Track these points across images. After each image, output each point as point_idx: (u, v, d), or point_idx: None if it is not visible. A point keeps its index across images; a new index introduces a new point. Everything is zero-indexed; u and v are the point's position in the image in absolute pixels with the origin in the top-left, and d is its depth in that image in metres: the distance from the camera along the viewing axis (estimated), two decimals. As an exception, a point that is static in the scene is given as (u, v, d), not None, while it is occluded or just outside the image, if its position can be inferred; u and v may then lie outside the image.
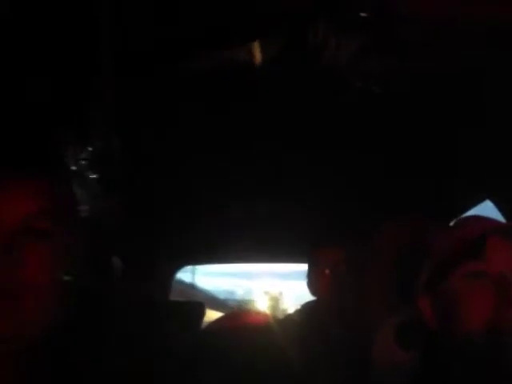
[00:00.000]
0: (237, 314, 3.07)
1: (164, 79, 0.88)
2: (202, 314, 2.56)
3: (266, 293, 9.29)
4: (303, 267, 2.00)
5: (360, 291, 1.86)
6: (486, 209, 1.47)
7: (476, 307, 0.81)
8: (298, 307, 2.05)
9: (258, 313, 3.97)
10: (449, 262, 0.86)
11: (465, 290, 0.83)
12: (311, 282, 1.89)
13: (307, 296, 1.99)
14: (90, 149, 0.51)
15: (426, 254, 0.93)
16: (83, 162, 0.51)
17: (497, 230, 0.86)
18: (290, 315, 2.07)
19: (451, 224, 1.00)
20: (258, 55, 0.85)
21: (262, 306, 9.14)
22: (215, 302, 8.62)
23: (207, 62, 0.86)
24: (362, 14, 0.72)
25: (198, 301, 2.71)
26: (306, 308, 1.93)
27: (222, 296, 9.57)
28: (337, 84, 0.93)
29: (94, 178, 0.63)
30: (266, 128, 1.15)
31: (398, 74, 0.89)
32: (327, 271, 1.79)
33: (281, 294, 9.65)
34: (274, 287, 9.12)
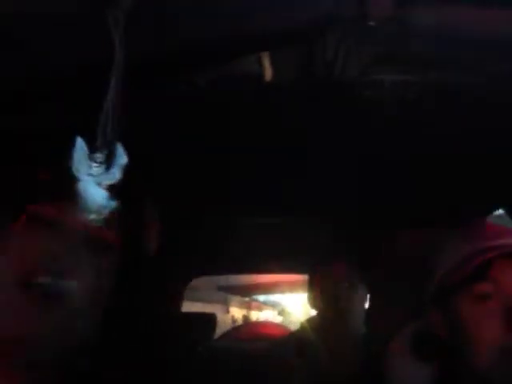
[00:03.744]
0: (251, 325, 3.08)
1: (171, 92, 0.88)
2: (215, 325, 2.56)
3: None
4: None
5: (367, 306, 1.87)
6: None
7: (486, 330, 0.80)
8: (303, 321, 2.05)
9: (272, 324, 3.97)
10: (456, 279, 0.85)
11: (474, 313, 0.83)
12: (312, 297, 1.89)
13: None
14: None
15: (431, 265, 0.93)
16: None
17: (504, 248, 0.84)
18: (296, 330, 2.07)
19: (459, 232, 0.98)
20: (268, 68, 0.85)
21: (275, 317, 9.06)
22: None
23: (216, 74, 0.86)
24: (372, 24, 0.72)
25: (210, 312, 2.69)
26: (310, 322, 1.92)
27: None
28: (349, 97, 0.93)
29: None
30: (275, 141, 1.14)
31: (411, 85, 0.89)
32: (329, 285, 1.80)
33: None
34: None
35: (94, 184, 0.49)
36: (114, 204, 0.51)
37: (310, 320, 1.93)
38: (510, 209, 1.40)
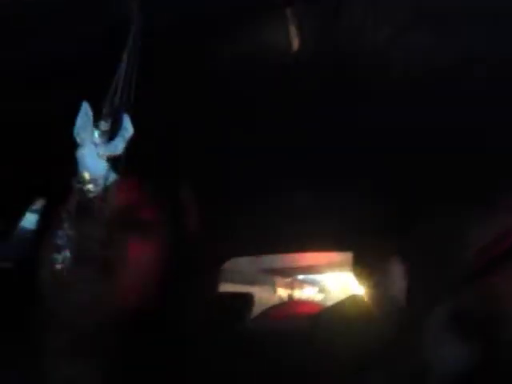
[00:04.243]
0: (287, 304, 3.08)
1: (190, 64, 0.86)
2: (252, 305, 2.57)
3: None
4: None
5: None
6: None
7: None
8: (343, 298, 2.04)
9: (309, 302, 3.97)
10: (495, 254, 0.81)
11: None
12: (358, 273, 1.89)
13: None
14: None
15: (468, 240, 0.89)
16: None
17: None
18: (334, 306, 2.06)
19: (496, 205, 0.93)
20: (294, 36, 0.82)
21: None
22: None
23: (238, 43, 0.83)
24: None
25: (247, 292, 2.70)
26: (351, 300, 1.91)
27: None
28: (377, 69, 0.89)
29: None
30: (302, 121, 1.12)
31: (442, 51, 0.84)
32: (377, 263, 1.78)
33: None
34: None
35: (95, 153, 0.48)
36: (113, 177, 0.49)
37: (350, 297, 1.93)
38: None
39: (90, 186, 0.47)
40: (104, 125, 0.48)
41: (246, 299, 2.58)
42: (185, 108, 1.02)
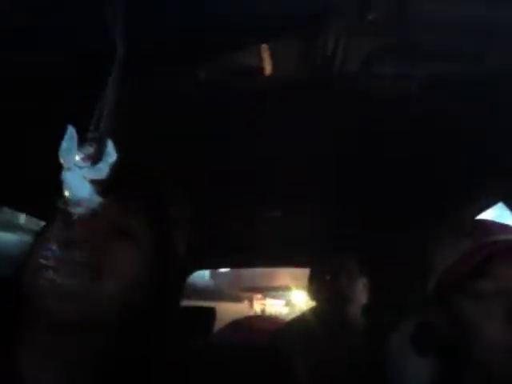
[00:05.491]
0: (247, 319, 3.08)
1: (164, 86, 0.87)
2: (214, 319, 2.56)
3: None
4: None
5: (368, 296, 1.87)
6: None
7: (488, 329, 0.78)
8: (298, 314, 2.06)
9: (268, 318, 3.97)
10: (457, 277, 0.84)
11: (475, 311, 0.81)
12: (312, 289, 1.91)
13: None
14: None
15: (432, 262, 0.91)
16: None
17: (504, 243, 0.83)
18: (291, 321, 2.08)
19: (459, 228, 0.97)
20: (268, 62, 0.84)
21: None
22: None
23: (216, 66, 0.85)
24: (371, 17, 0.71)
25: (209, 306, 2.69)
26: (307, 315, 1.93)
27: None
28: (349, 90, 0.93)
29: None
30: (274, 137, 1.14)
31: (413, 78, 0.88)
32: (328, 278, 1.81)
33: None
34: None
35: (80, 176, 0.48)
36: (98, 200, 0.49)
37: (311, 310, 1.95)
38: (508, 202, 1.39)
39: (74, 208, 0.48)
40: (88, 149, 0.49)
41: (209, 313, 2.57)
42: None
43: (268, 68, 0.86)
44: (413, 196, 1.54)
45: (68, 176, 0.48)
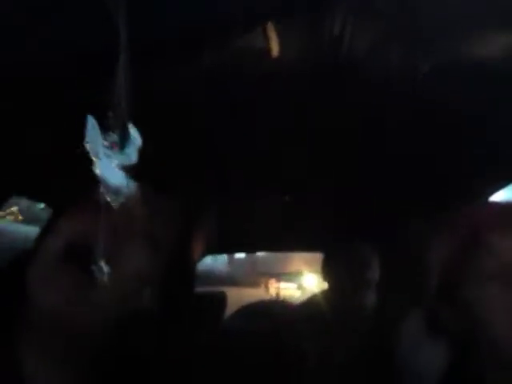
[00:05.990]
0: (259, 303, 3.09)
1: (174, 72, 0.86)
2: (225, 304, 2.57)
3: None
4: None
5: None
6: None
7: (505, 314, 0.76)
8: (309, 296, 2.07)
9: (280, 301, 3.99)
10: (458, 260, 0.82)
11: (483, 299, 0.79)
12: (325, 274, 1.93)
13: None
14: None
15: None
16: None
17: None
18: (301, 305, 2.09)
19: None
20: (274, 42, 0.82)
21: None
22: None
23: (219, 52, 0.84)
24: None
25: (220, 291, 2.70)
26: (318, 299, 1.94)
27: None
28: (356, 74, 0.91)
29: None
30: (284, 121, 1.13)
31: (419, 65, 0.86)
32: (341, 263, 1.83)
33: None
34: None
35: (111, 164, 0.48)
36: (132, 185, 0.49)
37: (322, 294, 1.95)
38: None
39: (113, 196, 0.48)
40: (112, 136, 0.48)
41: (220, 298, 2.58)
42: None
43: (275, 49, 0.84)
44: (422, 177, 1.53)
45: (100, 165, 0.48)
